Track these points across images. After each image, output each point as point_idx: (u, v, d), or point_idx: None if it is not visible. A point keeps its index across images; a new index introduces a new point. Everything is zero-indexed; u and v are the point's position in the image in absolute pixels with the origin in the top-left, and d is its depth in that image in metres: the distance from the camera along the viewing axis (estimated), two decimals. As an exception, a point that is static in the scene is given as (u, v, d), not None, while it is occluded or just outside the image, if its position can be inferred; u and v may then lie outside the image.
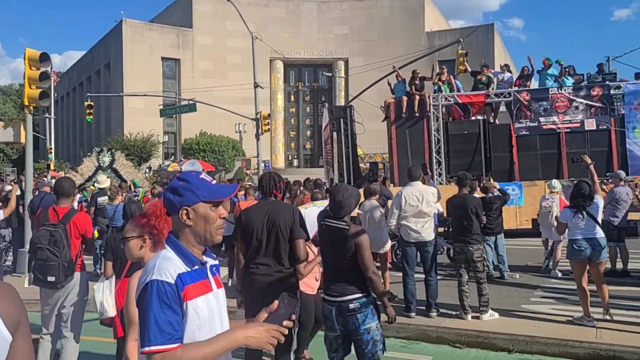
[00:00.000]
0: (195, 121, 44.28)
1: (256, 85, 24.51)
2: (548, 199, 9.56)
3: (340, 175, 16.31)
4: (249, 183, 20.63)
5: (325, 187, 13.34)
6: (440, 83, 17.15)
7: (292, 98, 57.92)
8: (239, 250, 4.56)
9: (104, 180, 12.29)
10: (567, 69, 16.54)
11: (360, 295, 4.01)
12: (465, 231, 6.82)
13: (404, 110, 16.73)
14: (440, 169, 16.24)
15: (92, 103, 24.41)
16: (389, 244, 8.28)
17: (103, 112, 52.40)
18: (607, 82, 15.82)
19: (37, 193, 11.97)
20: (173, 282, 1.81)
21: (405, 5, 54.94)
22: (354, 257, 4.05)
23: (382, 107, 18.44)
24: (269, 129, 25.49)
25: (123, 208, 5.39)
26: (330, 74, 50.02)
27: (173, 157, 49.60)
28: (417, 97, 16.62)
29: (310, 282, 5.21)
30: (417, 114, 16.56)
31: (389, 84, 18.10)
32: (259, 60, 27.49)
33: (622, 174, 9.78)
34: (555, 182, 9.97)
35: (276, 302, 1.96)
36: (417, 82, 17.05)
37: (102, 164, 17.64)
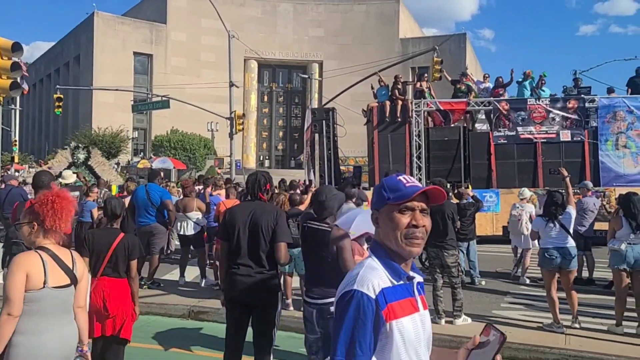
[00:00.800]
0: (166, 118, 43.70)
1: (231, 84, 24.33)
2: (518, 207, 9.75)
3: (320, 176, 16.34)
4: (222, 181, 20.45)
5: (302, 188, 13.31)
6: (424, 89, 17.30)
7: (266, 98, 57.76)
8: (220, 249, 4.52)
9: (69, 176, 11.97)
10: (542, 81, 16.99)
11: None
12: (441, 236, 6.90)
13: (386, 115, 16.81)
14: (421, 174, 16.41)
15: (61, 96, 23.81)
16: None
17: (71, 105, 51.20)
18: (582, 96, 16.30)
19: (2, 186, 11.60)
20: (374, 297, 1.64)
21: (380, 11, 55.46)
22: (335, 259, 4.06)
23: (364, 110, 18.54)
24: (242, 128, 25.32)
25: (104, 203, 5.26)
26: (306, 76, 50.05)
27: (142, 153, 48.83)
28: (400, 102, 16.73)
29: None
30: (399, 119, 16.69)
31: (372, 88, 18.23)
32: (233, 59, 27.32)
33: (590, 184, 10.06)
34: (525, 191, 10.17)
35: (477, 337, 1.64)
36: (399, 87, 17.18)
37: (76, 160, 17.15)
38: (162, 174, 10.78)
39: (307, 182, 16.68)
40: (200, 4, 37.23)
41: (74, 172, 17.50)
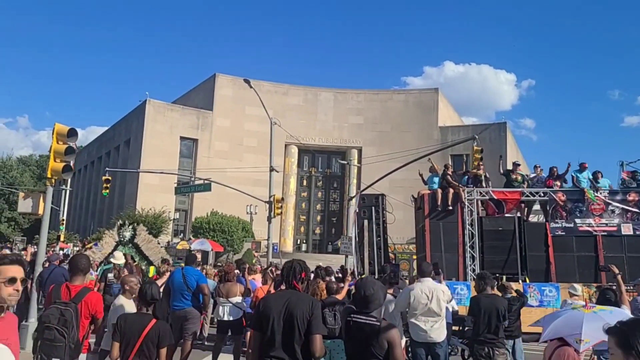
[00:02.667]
0: (207, 200, 44.64)
1: (272, 169, 24.87)
2: (570, 304, 9.22)
3: (370, 263, 16.12)
4: (258, 265, 20.33)
5: (338, 275, 13.07)
6: (483, 176, 17.08)
7: (305, 182, 58.59)
8: (253, 339, 4.39)
9: (120, 257, 12.10)
10: (599, 174, 16.71)
11: None
12: (494, 333, 6.54)
13: (438, 203, 16.58)
14: (474, 265, 15.85)
15: (109, 177, 24.83)
16: (403, 340, 7.97)
17: (118, 186, 53.14)
18: None
19: (47, 265, 11.84)
20: None
21: (419, 100, 56.77)
22: (386, 355, 3.89)
23: (414, 197, 18.48)
24: (281, 212, 25.56)
25: (140, 290, 5.25)
26: (345, 162, 50.85)
27: (182, 234, 49.55)
28: (452, 191, 16.54)
29: None
30: (450, 207, 16.41)
31: (421, 175, 18.27)
32: (275, 144, 28.17)
33: (646, 281, 9.52)
34: (577, 287, 9.68)
35: None
36: (450, 174, 17.10)
37: (122, 239, 17.29)
38: (199, 258, 10.75)
39: (349, 269, 16.41)
40: (245, 92, 38.95)
41: (124, 253, 17.60)
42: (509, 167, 20.47)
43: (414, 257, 24.52)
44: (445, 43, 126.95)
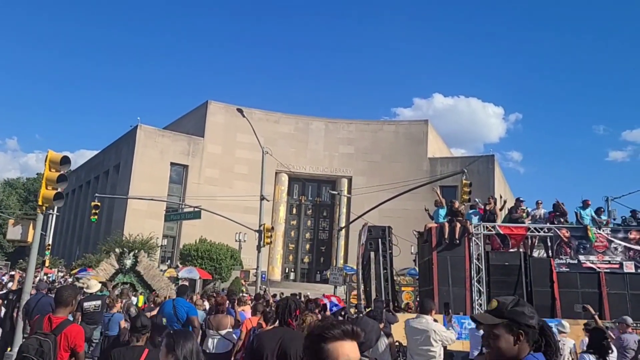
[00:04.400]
0: (196, 227, 44.39)
1: (262, 198, 24.90)
2: (559, 340, 9.26)
3: (377, 296, 16.08)
4: (244, 294, 20.15)
5: (358, 307, 13.03)
6: (496, 211, 17.29)
7: (294, 211, 58.53)
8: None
9: (93, 285, 11.87)
10: (601, 210, 17.05)
11: None
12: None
13: (445, 236, 16.68)
14: (481, 300, 15.85)
15: (98, 203, 24.68)
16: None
17: (105, 211, 52.63)
18: None
19: (34, 292, 11.67)
20: None
21: (409, 131, 57.39)
22: None
23: (417, 232, 18.55)
24: (270, 241, 25.50)
25: (132, 320, 5.24)
26: (335, 192, 50.99)
27: (170, 261, 49.07)
28: (458, 225, 16.66)
29: None
30: (458, 241, 16.51)
31: (427, 210, 18.41)
32: (265, 172, 28.25)
33: (629, 320, 9.59)
34: (565, 324, 9.73)
35: None
36: (456, 208, 17.22)
37: (122, 267, 16.95)
38: (188, 291, 10.66)
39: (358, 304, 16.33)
40: (237, 120, 39.21)
41: (122, 282, 17.22)
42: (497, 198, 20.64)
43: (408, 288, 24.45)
44: (435, 75, 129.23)
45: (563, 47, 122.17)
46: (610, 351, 6.20)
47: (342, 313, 14.71)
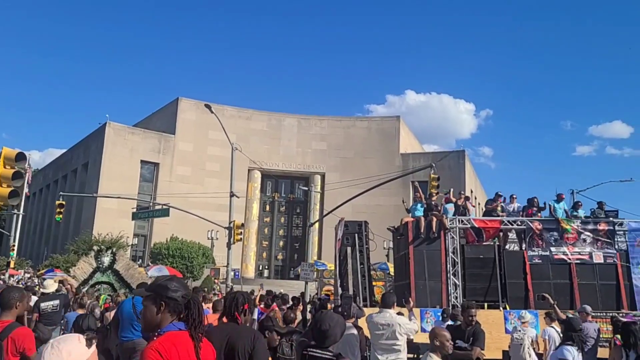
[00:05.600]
0: (167, 225, 43.85)
1: (232, 195, 24.66)
2: (520, 330, 9.33)
3: (354, 291, 16.04)
4: (214, 293, 19.92)
5: (301, 303, 12.93)
6: (466, 205, 17.51)
7: (268, 208, 58.29)
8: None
9: (50, 285, 11.46)
10: (579, 204, 17.54)
11: None
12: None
13: (421, 230, 16.76)
14: (457, 293, 15.98)
15: (63, 202, 24.11)
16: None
17: (74, 211, 51.67)
18: (610, 218, 16.50)
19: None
20: None
21: (381, 127, 57.65)
22: None
23: (393, 227, 18.66)
24: (241, 238, 25.27)
25: (74, 320, 5.03)
26: (307, 188, 50.93)
27: (141, 260, 48.33)
28: (435, 219, 16.74)
29: None
30: (435, 234, 16.62)
31: (404, 203, 18.55)
32: (237, 169, 27.94)
33: (588, 308, 9.74)
34: (525, 313, 9.83)
35: None
36: (434, 202, 17.34)
37: (100, 265, 16.35)
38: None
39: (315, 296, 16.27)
40: (208, 117, 38.76)
41: (99, 281, 16.61)
42: (468, 194, 20.92)
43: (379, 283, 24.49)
44: (407, 72, 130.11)
45: (531, 44, 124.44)
46: (583, 341, 6.25)
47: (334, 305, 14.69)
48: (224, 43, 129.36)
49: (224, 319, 4.39)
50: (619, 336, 6.75)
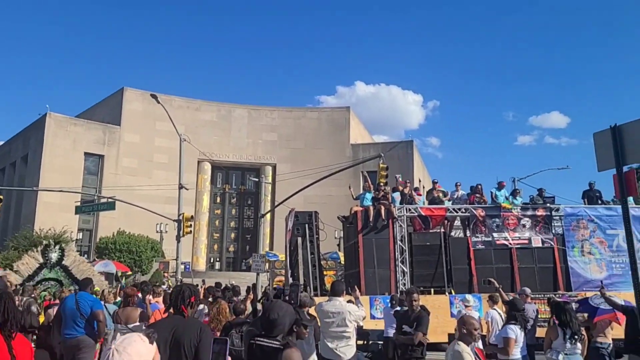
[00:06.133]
0: (114, 219, 42.68)
1: (181, 187, 24.22)
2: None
3: (304, 281, 16.08)
4: (164, 287, 19.55)
5: (251, 293, 12.89)
6: (412, 194, 17.86)
7: (218, 200, 57.63)
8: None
9: None
10: (518, 191, 18.34)
11: None
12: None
13: (370, 219, 16.94)
14: (405, 279, 16.30)
15: (1, 197, 23.03)
16: (313, 359, 7.93)
17: (13, 206, 49.49)
18: (548, 205, 17.29)
19: None
20: None
21: (331, 118, 57.91)
22: None
23: (343, 217, 18.82)
24: (191, 231, 24.89)
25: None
26: (258, 179, 50.62)
27: (86, 255, 46.84)
28: (383, 208, 16.95)
29: None
30: (384, 222, 16.86)
31: (350, 189, 19.04)
32: (187, 161, 27.44)
33: (528, 290, 10.20)
34: (469, 297, 10.19)
35: None
36: (383, 191, 17.53)
37: (47, 261, 15.65)
38: (93, 282, 10.12)
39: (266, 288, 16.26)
40: (155, 107, 37.81)
41: (46, 278, 15.86)
42: (416, 183, 21.42)
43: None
44: (357, 64, 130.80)
45: (476, 37, 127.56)
46: (526, 321, 6.58)
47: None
48: (171, 32, 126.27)
49: (171, 311, 4.34)
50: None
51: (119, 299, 11.95)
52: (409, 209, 17.28)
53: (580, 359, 6.47)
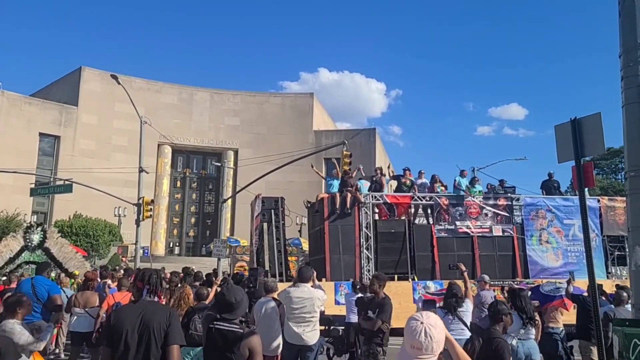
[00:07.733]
0: (70, 202, 41.51)
1: (141, 170, 23.76)
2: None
3: (270, 267, 16.06)
4: (122, 271, 19.20)
5: (218, 279, 12.76)
6: (381, 180, 18.08)
7: (179, 184, 56.81)
8: (103, 357, 4.11)
9: None
10: (476, 179, 18.84)
11: None
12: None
13: (337, 206, 17.00)
14: (370, 266, 16.49)
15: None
16: (278, 343, 7.93)
17: (-37, 186, 47.50)
18: (509, 194, 17.78)
19: None
20: None
21: (295, 104, 57.67)
22: None
23: (308, 202, 18.88)
24: (151, 215, 24.48)
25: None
26: (220, 164, 50.07)
27: (40, 239, 45.51)
28: (350, 195, 16.99)
29: None
30: (349, 210, 16.94)
31: (313, 167, 19.64)
32: (147, 144, 26.87)
33: (486, 277, 10.50)
34: (430, 283, 10.42)
35: None
36: (350, 179, 17.60)
37: (29, 243, 14.94)
38: (52, 265, 9.87)
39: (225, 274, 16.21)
40: (114, 88, 36.80)
41: (27, 261, 15.17)
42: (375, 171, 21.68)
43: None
44: (320, 50, 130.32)
45: (437, 27, 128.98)
46: (459, 306, 6.75)
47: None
48: (133, 12, 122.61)
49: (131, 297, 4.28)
50: None
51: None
52: (375, 196, 17.50)
53: (534, 343, 6.71)
